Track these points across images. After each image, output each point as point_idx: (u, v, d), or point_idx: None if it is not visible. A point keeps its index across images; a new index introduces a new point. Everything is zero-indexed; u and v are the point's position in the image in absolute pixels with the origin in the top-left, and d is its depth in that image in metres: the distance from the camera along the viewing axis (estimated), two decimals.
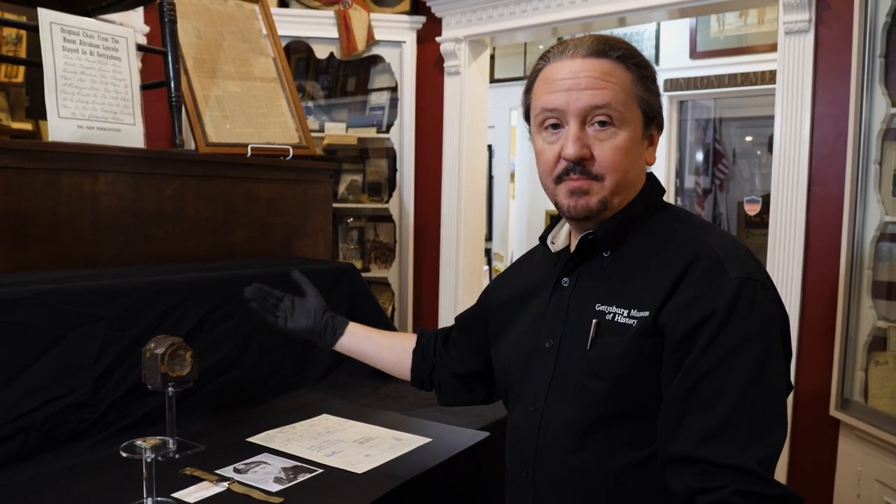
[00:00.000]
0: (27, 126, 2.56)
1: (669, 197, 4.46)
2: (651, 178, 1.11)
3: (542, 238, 1.19)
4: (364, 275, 3.69)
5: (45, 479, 1.29)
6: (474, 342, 1.33)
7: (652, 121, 1.06)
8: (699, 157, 5.28)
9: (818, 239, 2.40)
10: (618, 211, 1.06)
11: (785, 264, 2.44)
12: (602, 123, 1.01)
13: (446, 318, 3.46)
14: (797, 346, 2.43)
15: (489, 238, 6.08)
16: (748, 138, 5.36)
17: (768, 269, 2.48)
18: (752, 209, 4.10)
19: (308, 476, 1.32)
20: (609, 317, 1.01)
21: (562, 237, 1.18)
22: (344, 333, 1.43)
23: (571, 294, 1.08)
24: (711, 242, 0.99)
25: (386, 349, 1.45)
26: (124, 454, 1.13)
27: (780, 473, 2.47)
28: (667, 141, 4.40)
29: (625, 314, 0.99)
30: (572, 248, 1.11)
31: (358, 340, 1.44)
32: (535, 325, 1.13)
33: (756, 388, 0.92)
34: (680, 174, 4.88)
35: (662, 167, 4.43)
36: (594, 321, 1.02)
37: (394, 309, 3.61)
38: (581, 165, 1.01)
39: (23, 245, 1.60)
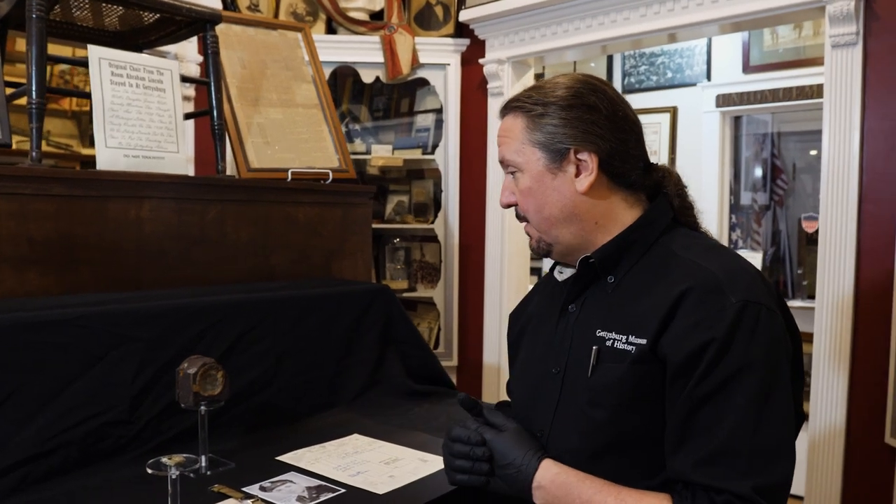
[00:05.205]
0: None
1: (723, 214, 4.35)
2: (658, 201, 1.10)
3: (553, 266, 1.20)
4: (410, 294, 3.74)
5: (83, 493, 1.34)
6: None
7: (562, 153, 1.06)
8: (757, 172, 5.13)
9: (870, 259, 2.30)
10: (616, 236, 1.07)
11: (835, 285, 2.34)
12: (512, 172, 1.13)
13: (491, 338, 3.46)
14: (849, 371, 2.33)
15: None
16: (812, 152, 5.18)
17: (818, 290, 2.40)
18: (811, 227, 3.95)
19: (330, 496, 1.34)
20: (609, 343, 1.01)
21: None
22: None
23: (577, 320, 1.08)
24: (712, 267, 0.98)
25: None
26: (150, 471, 1.17)
27: None
28: (719, 157, 4.31)
29: (623, 340, 0.99)
30: None
31: None
32: (544, 351, 1.13)
33: (758, 416, 0.90)
34: (735, 190, 4.75)
35: (715, 184, 4.33)
36: (595, 348, 1.01)
37: (439, 328, 3.63)
38: (517, 210, 1.15)
39: (73, 268, 1.69)
